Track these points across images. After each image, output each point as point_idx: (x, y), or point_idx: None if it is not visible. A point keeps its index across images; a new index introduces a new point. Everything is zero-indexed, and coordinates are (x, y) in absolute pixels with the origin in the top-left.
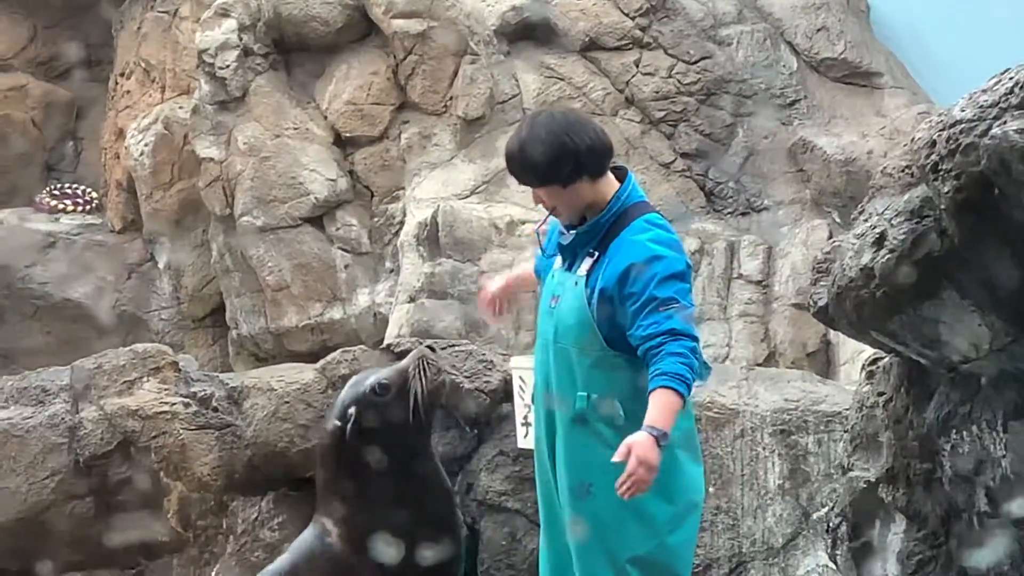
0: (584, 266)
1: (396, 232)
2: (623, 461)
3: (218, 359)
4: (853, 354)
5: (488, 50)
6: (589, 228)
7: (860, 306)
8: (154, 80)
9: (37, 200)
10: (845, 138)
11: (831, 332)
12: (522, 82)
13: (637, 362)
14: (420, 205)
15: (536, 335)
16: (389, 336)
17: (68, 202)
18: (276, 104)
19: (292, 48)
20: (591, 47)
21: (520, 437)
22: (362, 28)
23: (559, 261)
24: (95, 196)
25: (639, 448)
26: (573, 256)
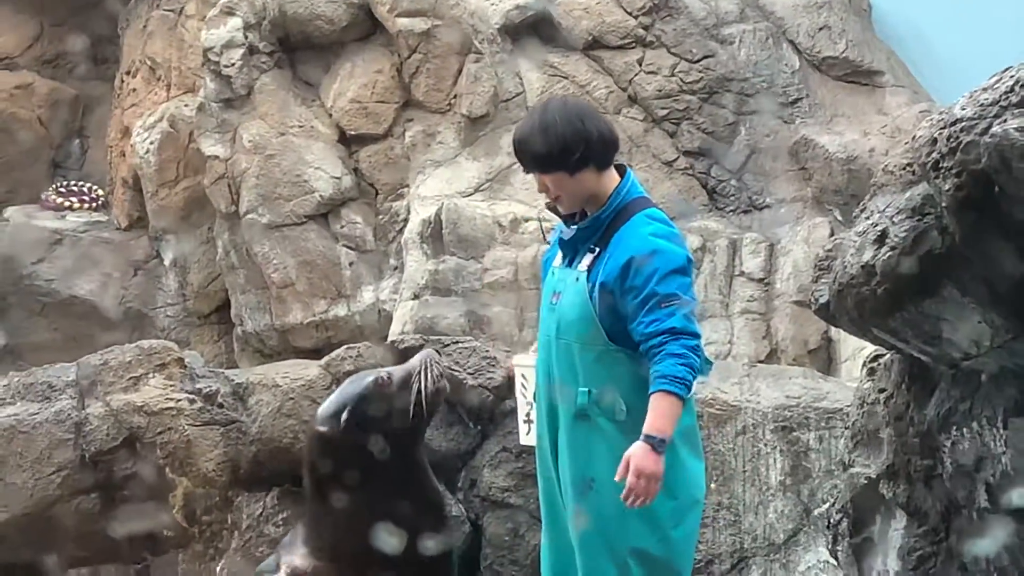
0: (585, 262)
1: (400, 229)
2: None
3: (223, 355)
4: (854, 351)
5: (492, 48)
6: (590, 223)
7: (861, 303)
8: (160, 78)
9: (43, 197)
10: (847, 136)
11: (832, 329)
12: (526, 80)
13: (639, 357)
14: (424, 203)
15: (538, 332)
16: (393, 333)
17: (74, 199)
18: (281, 102)
19: (297, 46)
20: (594, 45)
21: (522, 434)
22: (367, 26)
23: (559, 258)
24: (101, 193)
25: (636, 460)
26: (574, 252)
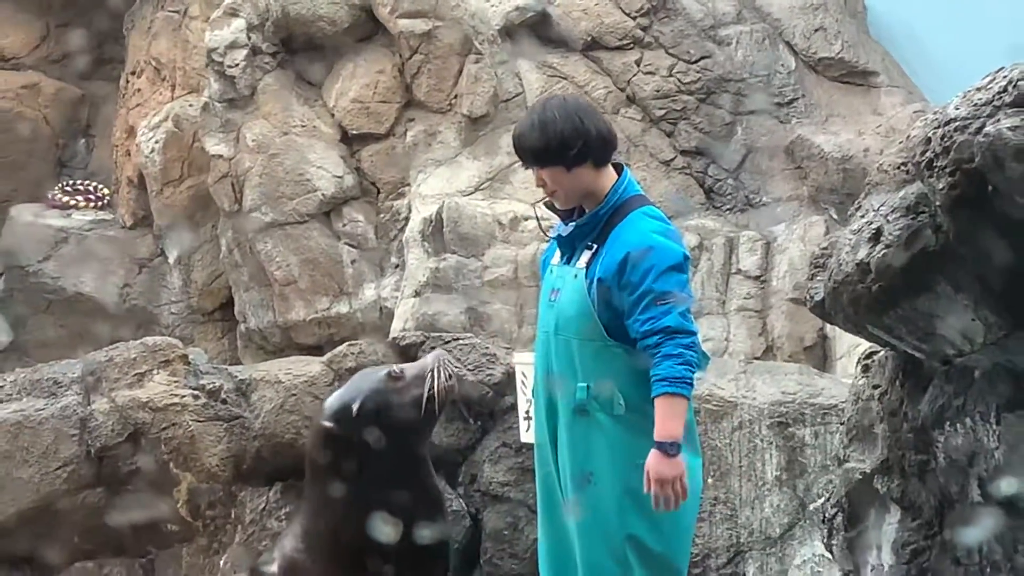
0: (583, 259)
1: (402, 228)
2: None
3: (227, 352)
4: (849, 348)
5: (492, 49)
6: (588, 220)
7: (856, 300)
8: (164, 78)
9: (49, 196)
10: (842, 136)
11: (828, 326)
12: (525, 81)
13: (636, 352)
14: (425, 201)
15: (537, 329)
16: (394, 330)
17: (80, 198)
18: (284, 102)
19: (300, 47)
20: (593, 46)
21: (522, 431)
22: (368, 28)
23: (557, 256)
24: (106, 192)
25: (653, 470)
26: (572, 249)
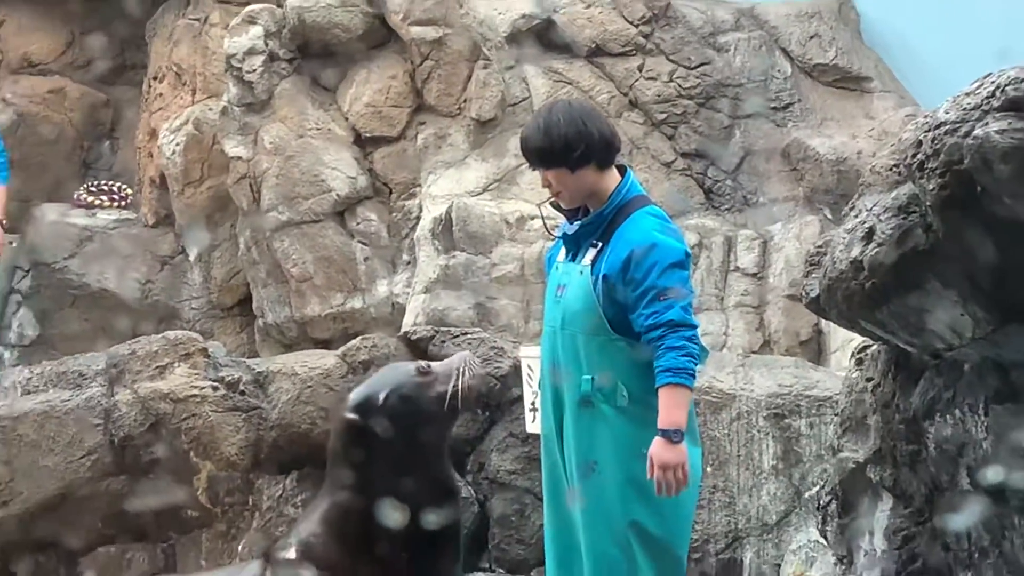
0: (588, 256)
1: (413, 227)
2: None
3: (245, 346)
4: (843, 342)
5: (500, 55)
6: (592, 220)
7: (850, 297)
8: (185, 83)
9: (75, 196)
10: (836, 139)
11: (822, 321)
12: (532, 86)
13: (639, 346)
14: (435, 201)
15: (543, 324)
16: (406, 324)
17: (104, 198)
18: (300, 106)
19: (315, 53)
20: (597, 53)
21: (528, 422)
22: (381, 35)
23: (562, 254)
24: (130, 192)
25: (656, 455)
26: (577, 248)
